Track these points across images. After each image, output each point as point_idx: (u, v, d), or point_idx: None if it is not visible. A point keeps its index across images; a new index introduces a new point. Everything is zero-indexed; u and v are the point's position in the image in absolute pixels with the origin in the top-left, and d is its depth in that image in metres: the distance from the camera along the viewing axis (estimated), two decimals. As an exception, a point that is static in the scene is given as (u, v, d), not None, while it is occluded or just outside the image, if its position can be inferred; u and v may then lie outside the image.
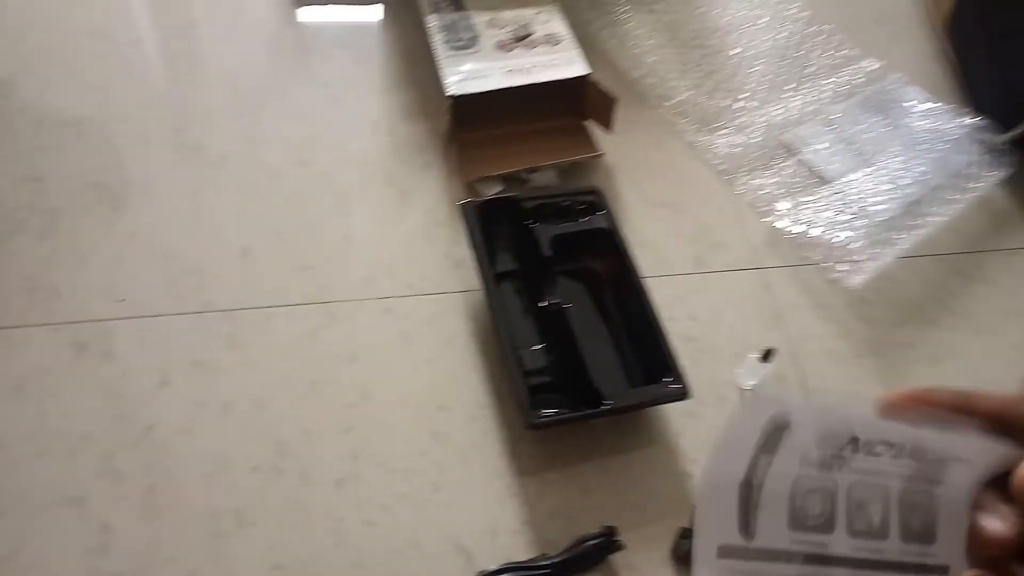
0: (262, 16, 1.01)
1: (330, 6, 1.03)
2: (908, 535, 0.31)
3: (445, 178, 0.87)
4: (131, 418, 0.69)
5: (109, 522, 0.64)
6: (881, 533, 0.31)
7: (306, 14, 1.02)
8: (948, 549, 0.31)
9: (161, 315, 0.75)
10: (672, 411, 0.74)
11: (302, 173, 0.86)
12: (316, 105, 0.92)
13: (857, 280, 0.84)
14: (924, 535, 0.31)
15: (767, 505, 0.30)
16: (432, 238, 0.83)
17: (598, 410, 0.68)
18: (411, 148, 0.89)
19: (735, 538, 0.30)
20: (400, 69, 0.96)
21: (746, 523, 0.30)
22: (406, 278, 0.80)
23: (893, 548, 0.31)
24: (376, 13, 1.03)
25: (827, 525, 0.31)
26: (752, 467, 0.31)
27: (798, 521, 0.31)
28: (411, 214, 0.85)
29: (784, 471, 0.31)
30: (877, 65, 1.03)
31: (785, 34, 1.06)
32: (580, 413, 0.68)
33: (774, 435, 0.31)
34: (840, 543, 0.31)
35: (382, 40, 1.00)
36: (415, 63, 0.96)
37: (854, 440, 0.32)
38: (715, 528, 0.30)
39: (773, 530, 0.30)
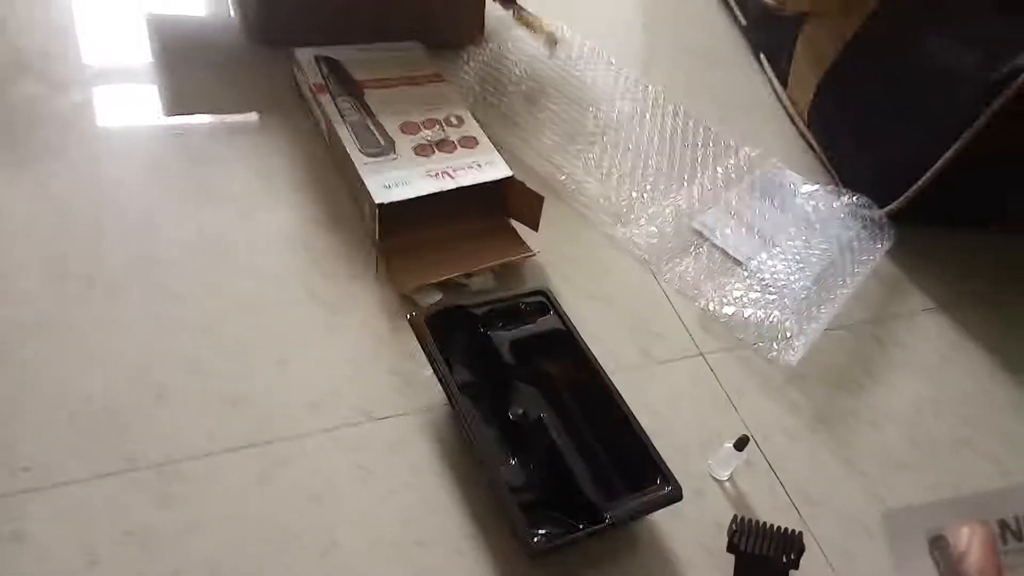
0: (133, 129, 0.92)
1: (204, 115, 0.95)
2: None
3: (376, 289, 0.81)
4: (58, 612, 0.57)
5: None
6: None
7: (182, 124, 0.93)
8: None
9: (76, 481, 0.63)
10: (656, 513, 0.71)
11: (214, 298, 0.77)
12: (219, 223, 0.83)
13: (792, 357, 0.86)
14: None
15: None
16: (374, 355, 0.76)
17: (603, 526, 0.64)
18: (332, 260, 0.83)
19: None
20: (303, 178, 0.90)
21: None
22: (354, 402, 0.73)
23: None
24: (261, 120, 0.96)
25: None
26: None
27: None
28: (346, 331, 0.78)
29: None
30: (755, 152, 1.09)
31: (668, 128, 1.10)
32: (584, 532, 0.64)
33: (944, 558, 0.30)
34: None
35: (277, 148, 0.93)
36: (319, 170, 0.91)
37: (1003, 524, 0.31)
38: None
39: None
